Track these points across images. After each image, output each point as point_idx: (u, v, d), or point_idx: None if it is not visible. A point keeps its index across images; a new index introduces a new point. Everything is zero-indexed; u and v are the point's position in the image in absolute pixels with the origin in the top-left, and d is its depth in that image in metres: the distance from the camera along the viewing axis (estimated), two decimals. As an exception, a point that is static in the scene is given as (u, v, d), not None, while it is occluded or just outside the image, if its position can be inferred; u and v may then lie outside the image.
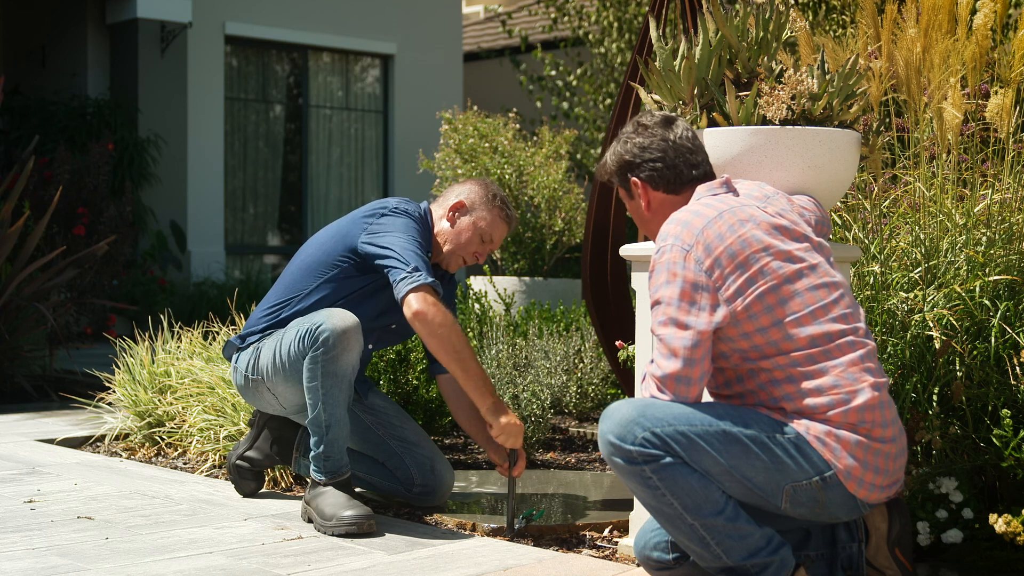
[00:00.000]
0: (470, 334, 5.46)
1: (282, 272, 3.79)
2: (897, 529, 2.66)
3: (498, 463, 3.59)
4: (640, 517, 3.12)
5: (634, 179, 2.81)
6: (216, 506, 3.69)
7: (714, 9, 3.09)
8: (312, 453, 3.45)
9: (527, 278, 7.58)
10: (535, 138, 8.26)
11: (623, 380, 4.52)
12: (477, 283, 7.08)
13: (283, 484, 4.04)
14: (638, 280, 3.14)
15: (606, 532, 3.45)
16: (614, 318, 4.63)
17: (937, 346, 3.15)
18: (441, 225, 3.70)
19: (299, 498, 3.82)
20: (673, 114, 2.88)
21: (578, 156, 11.77)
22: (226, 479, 4.13)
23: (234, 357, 3.75)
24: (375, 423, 3.79)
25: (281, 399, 3.62)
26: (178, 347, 4.98)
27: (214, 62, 11.28)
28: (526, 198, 7.69)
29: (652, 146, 2.78)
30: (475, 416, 3.67)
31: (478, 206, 3.69)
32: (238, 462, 3.82)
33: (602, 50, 11.81)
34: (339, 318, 3.39)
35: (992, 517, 2.84)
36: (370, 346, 3.72)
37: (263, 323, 3.68)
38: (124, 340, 5.15)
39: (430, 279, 3.38)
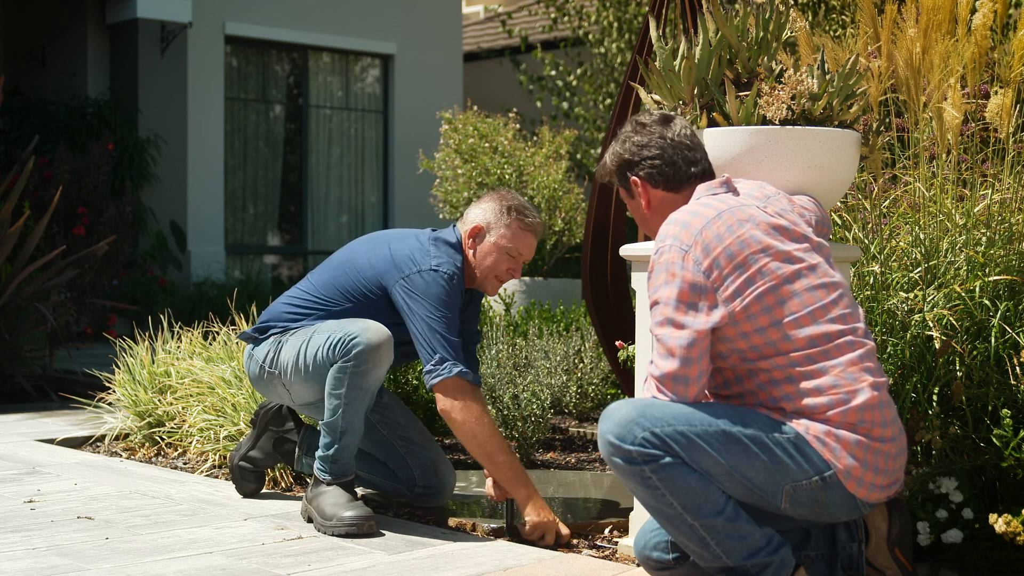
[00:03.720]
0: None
1: (318, 268, 3.72)
2: (897, 529, 2.66)
3: (489, 487, 3.56)
4: (640, 517, 3.12)
5: (633, 178, 2.81)
6: (216, 506, 3.69)
7: (714, 9, 3.09)
8: (320, 453, 3.45)
9: (527, 278, 7.58)
10: (535, 138, 8.26)
11: (623, 380, 4.52)
12: (477, 283, 7.08)
13: (283, 484, 4.04)
14: (638, 280, 3.14)
15: (606, 532, 3.45)
16: (614, 318, 4.63)
17: (937, 346, 3.15)
18: (467, 254, 3.61)
19: (299, 498, 3.82)
20: (671, 113, 2.87)
21: (578, 156, 11.77)
22: (226, 479, 4.13)
23: (251, 345, 3.70)
24: (381, 422, 3.78)
25: (294, 394, 3.61)
26: (178, 347, 4.98)
27: (214, 62, 11.28)
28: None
29: (650, 144, 2.78)
30: None
31: (494, 225, 3.58)
32: (241, 463, 3.82)
33: (602, 50, 11.80)
34: (374, 332, 3.36)
35: (992, 517, 2.84)
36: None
37: (287, 319, 3.64)
38: (124, 340, 5.15)
39: (453, 371, 3.38)
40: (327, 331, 3.45)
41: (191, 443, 4.45)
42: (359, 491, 3.79)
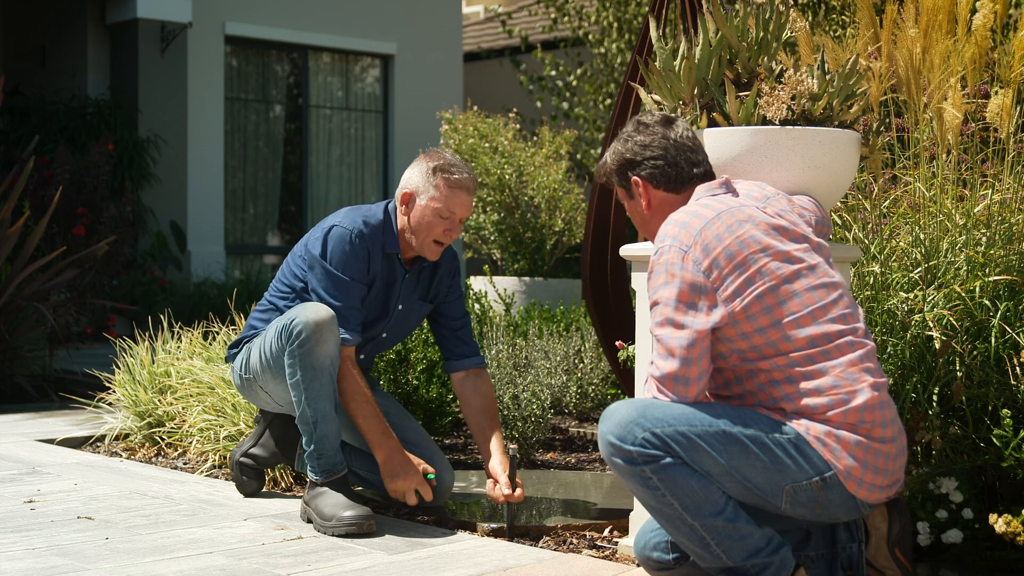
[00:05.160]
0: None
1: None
2: (897, 529, 2.66)
3: (489, 489, 3.55)
4: (640, 517, 3.12)
5: (635, 178, 2.80)
6: (216, 506, 3.69)
7: (714, 9, 3.09)
8: (306, 453, 3.45)
9: (527, 278, 7.58)
10: (535, 138, 8.26)
11: (623, 380, 4.52)
12: (477, 283, 7.08)
13: (283, 484, 4.04)
14: (638, 280, 3.14)
15: (606, 532, 3.45)
16: (614, 318, 4.63)
17: (937, 346, 3.15)
18: (402, 221, 3.60)
19: (299, 498, 3.82)
20: (673, 114, 2.87)
21: (578, 156, 11.78)
22: (226, 479, 4.13)
23: (230, 356, 3.80)
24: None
25: (274, 396, 3.63)
26: (178, 347, 4.98)
27: (214, 62, 11.28)
28: (526, 198, 7.69)
29: (653, 144, 2.78)
30: (481, 422, 3.69)
31: (422, 189, 3.54)
32: (242, 459, 3.82)
33: (602, 50, 11.81)
34: (312, 311, 3.39)
35: (992, 517, 2.84)
36: (362, 356, 3.73)
37: (254, 325, 3.74)
38: (124, 340, 5.15)
39: None
40: (275, 323, 3.50)
41: (191, 443, 4.45)
42: (358, 490, 3.79)
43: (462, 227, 3.61)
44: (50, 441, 4.85)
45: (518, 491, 3.44)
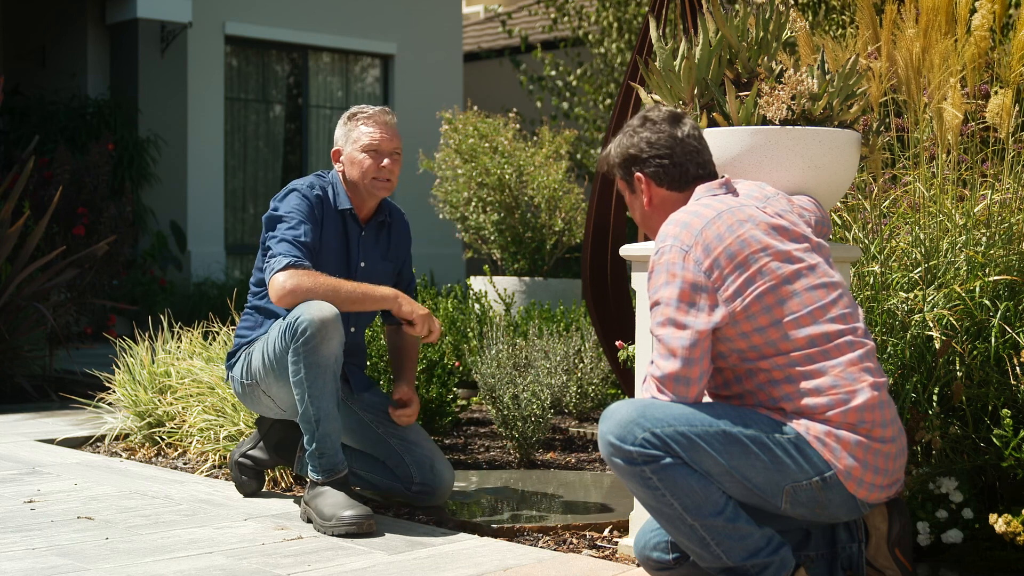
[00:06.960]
0: (470, 334, 5.46)
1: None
2: (897, 529, 2.66)
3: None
4: (640, 517, 3.12)
5: (638, 174, 2.80)
6: (216, 506, 3.69)
7: (714, 9, 3.09)
8: (306, 452, 3.45)
9: (527, 278, 7.57)
10: (535, 138, 8.26)
11: (623, 380, 4.52)
12: (477, 283, 7.08)
13: (283, 484, 4.04)
14: (638, 280, 3.14)
15: (606, 532, 3.45)
16: (614, 318, 4.63)
17: (937, 346, 3.15)
18: (342, 178, 3.75)
19: (299, 498, 3.82)
20: (680, 111, 2.86)
21: (578, 156, 11.77)
22: (226, 479, 4.13)
23: (230, 370, 3.80)
24: (375, 421, 3.79)
25: (276, 400, 3.62)
26: (178, 347, 4.98)
27: (214, 62, 11.28)
28: (526, 198, 7.69)
29: (660, 142, 2.77)
30: (400, 359, 3.88)
31: (342, 136, 3.75)
32: (240, 459, 3.82)
33: (602, 50, 11.80)
34: (317, 308, 3.40)
35: (992, 517, 2.84)
36: (352, 329, 3.75)
37: (245, 332, 3.75)
38: (124, 340, 5.15)
39: (283, 263, 3.45)
40: (277, 324, 3.52)
41: (191, 443, 4.45)
42: (357, 491, 3.79)
43: (399, 161, 3.71)
44: (50, 441, 4.85)
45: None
